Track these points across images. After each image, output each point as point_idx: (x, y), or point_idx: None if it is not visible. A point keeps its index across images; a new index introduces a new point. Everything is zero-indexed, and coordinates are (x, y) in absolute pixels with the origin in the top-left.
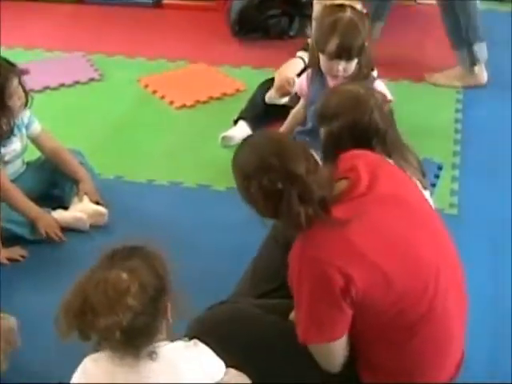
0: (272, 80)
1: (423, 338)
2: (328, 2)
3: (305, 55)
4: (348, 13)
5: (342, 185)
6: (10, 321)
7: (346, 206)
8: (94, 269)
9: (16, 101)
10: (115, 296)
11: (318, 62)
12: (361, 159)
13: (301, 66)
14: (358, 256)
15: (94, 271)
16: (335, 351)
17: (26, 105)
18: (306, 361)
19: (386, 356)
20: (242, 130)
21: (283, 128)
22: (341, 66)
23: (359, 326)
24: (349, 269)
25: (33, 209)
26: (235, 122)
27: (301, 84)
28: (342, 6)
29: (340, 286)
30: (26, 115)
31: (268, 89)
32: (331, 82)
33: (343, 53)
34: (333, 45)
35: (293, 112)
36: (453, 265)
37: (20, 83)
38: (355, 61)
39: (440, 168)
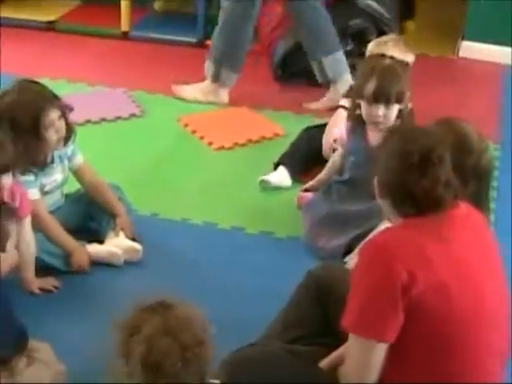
0: (316, 127)
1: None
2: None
3: (347, 103)
4: (387, 60)
5: None
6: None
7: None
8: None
9: (52, 133)
10: None
11: (359, 114)
12: None
13: (343, 116)
14: (426, 261)
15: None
16: (374, 357)
17: (67, 139)
18: None
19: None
20: (281, 176)
21: (321, 175)
22: (380, 110)
23: (403, 339)
24: (415, 269)
25: (69, 241)
26: (275, 167)
27: (341, 134)
28: (382, 56)
29: (403, 282)
30: (69, 147)
31: (311, 136)
32: (372, 134)
33: (381, 95)
34: (370, 88)
35: (331, 161)
36: (504, 324)
37: (63, 117)
38: (395, 107)
39: None
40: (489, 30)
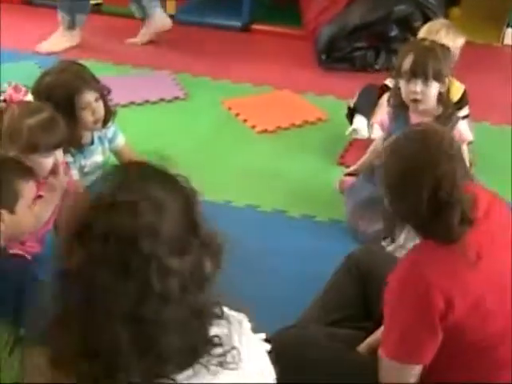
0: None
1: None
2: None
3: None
4: (427, 42)
5: None
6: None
7: None
8: None
9: (88, 115)
10: None
11: (400, 97)
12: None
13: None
14: (462, 282)
15: None
16: (410, 376)
17: (106, 121)
18: None
19: None
20: (363, 123)
21: (363, 160)
22: (418, 86)
23: (443, 356)
24: (452, 294)
25: None
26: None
27: (382, 117)
28: (423, 39)
29: (440, 308)
30: (110, 129)
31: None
32: (414, 117)
33: (418, 69)
34: (408, 63)
35: (373, 145)
36: None
37: (101, 99)
38: (434, 85)
39: None
40: None
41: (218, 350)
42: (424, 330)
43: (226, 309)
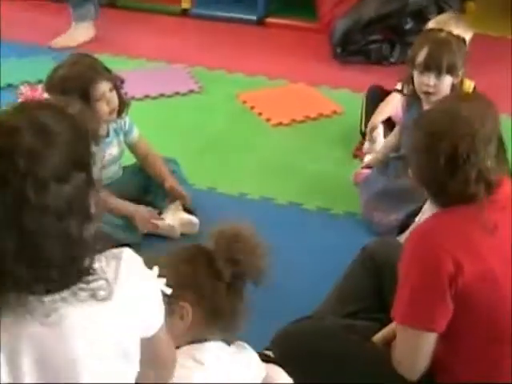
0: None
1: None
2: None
3: (399, 85)
4: (443, 33)
5: None
6: None
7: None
8: None
9: (103, 105)
10: None
11: (413, 88)
12: None
13: (397, 100)
14: (471, 248)
15: None
16: (424, 346)
17: (120, 111)
18: (384, 379)
19: (474, 371)
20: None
21: (378, 153)
22: (431, 80)
23: (455, 328)
24: (461, 258)
25: (127, 206)
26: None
27: (396, 110)
28: (439, 30)
29: (449, 271)
30: (126, 122)
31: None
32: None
33: (432, 63)
34: (422, 55)
35: (388, 138)
36: None
37: (115, 90)
38: (447, 79)
39: None
40: None
41: (90, 279)
42: (434, 293)
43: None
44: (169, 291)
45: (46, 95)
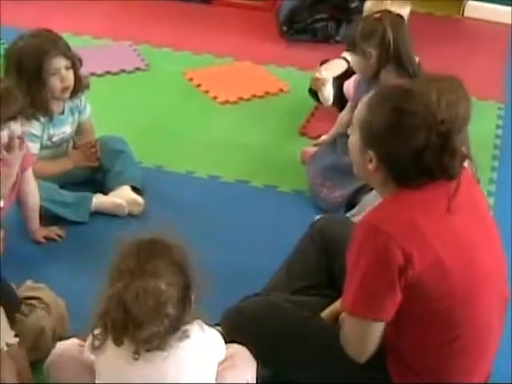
0: None
1: (463, 344)
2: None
3: (348, 55)
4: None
5: None
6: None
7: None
8: (125, 273)
9: (56, 81)
10: (156, 307)
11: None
12: None
13: (343, 67)
14: (421, 239)
15: (127, 280)
16: (372, 333)
17: (75, 92)
18: (334, 356)
19: (421, 355)
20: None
21: (332, 131)
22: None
23: (404, 316)
24: (411, 249)
25: (61, 161)
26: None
27: (348, 87)
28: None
29: (399, 263)
30: (82, 101)
31: None
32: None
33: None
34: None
35: (340, 115)
36: (503, 279)
37: (72, 68)
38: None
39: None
40: None
41: None
42: (383, 283)
43: None
44: None
45: None
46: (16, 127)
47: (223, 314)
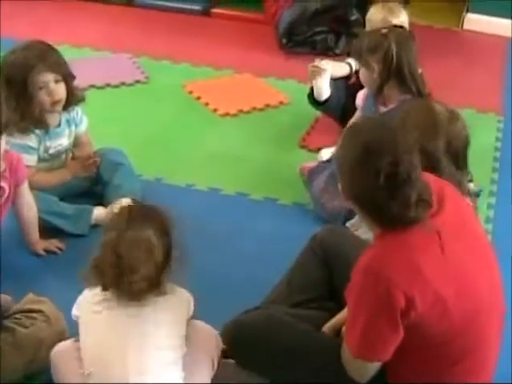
0: None
1: (462, 370)
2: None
3: (353, 62)
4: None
5: None
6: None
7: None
8: (118, 229)
9: (44, 96)
10: (147, 252)
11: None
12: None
13: (346, 70)
14: (422, 280)
15: (119, 231)
16: (373, 368)
17: (67, 106)
18: (333, 371)
19: (422, 378)
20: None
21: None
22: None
23: (403, 349)
24: (413, 291)
25: (58, 172)
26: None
27: (359, 97)
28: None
29: (401, 307)
30: (78, 113)
31: None
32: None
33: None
34: None
35: (349, 123)
36: (501, 302)
37: (63, 81)
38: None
39: (478, 195)
40: (493, 3)
41: None
42: (386, 328)
43: None
44: None
45: None
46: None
47: (223, 327)
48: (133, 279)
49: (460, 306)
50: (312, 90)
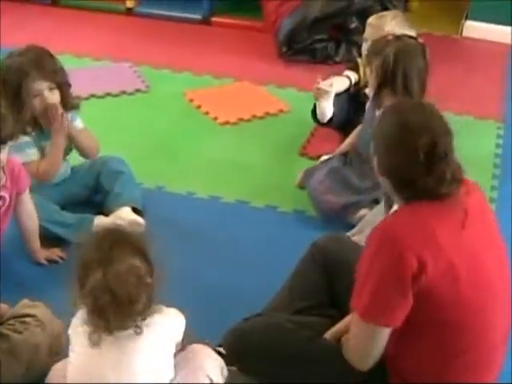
0: None
1: (465, 363)
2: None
3: (352, 74)
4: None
5: None
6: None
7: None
8: (94, 265)
9: (36, 102)
10: (138, 280)
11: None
12: None
13: (346, 84)
14: (436, 246)
15: (100, 269)
16: (379, 339)
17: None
18: (335, 377)
19: (425, 369)
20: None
21: (343, 146)
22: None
23: (409, 326)
24: (426, 255)
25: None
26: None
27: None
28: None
29: (413, 271)
30: (69, 115)
31: None
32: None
33: None
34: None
35: (350, 137)
36: (508, 305)
37: (58, 90)
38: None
39: None
40: (492, 10)
41: None
42: (396, 291)
43: None
44: None
45: None
46: (3, 153)
47: (224, 335)
48: (136, 310)
49: (469, 282)
50: (315, 106)
